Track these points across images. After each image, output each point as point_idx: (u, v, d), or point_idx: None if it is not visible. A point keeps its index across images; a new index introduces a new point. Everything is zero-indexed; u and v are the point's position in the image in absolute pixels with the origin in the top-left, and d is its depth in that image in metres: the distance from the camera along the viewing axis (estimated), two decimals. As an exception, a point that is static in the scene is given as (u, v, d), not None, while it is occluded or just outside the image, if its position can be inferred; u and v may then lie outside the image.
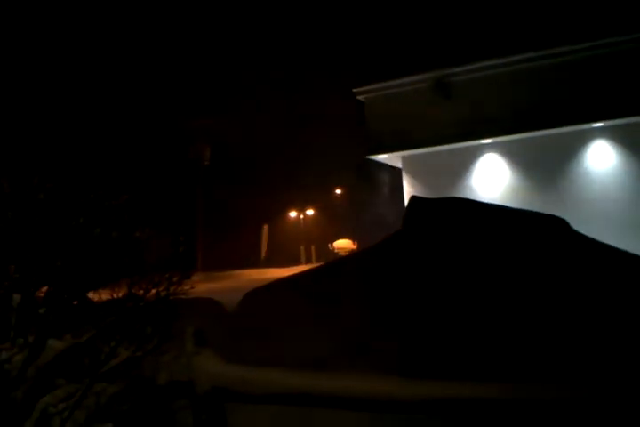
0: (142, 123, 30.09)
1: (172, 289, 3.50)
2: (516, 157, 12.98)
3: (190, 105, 33.38)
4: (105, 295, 3.46)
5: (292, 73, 38.82)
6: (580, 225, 6.78)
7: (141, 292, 3.36)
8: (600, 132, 12.20)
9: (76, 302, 3.48)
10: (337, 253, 31.24)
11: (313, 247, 34.69)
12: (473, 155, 13.38)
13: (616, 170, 12.09)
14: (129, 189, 3.78)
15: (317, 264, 12.11)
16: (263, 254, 34.05)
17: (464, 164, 13.46)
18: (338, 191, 41.13)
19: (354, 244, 32.33)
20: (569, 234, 6.40)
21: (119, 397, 3.42)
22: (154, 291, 3.41)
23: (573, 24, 12.36)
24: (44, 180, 3.30)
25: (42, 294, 3.35)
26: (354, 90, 14.55)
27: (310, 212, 40.77)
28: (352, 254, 9.21)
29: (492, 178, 13.23)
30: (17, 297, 3.04)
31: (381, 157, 14.79)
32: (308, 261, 32.18)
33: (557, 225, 6.48)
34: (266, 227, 35.60)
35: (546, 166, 12.60)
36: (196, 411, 3.61)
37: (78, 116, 26.54)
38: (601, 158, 12.22)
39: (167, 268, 3.53)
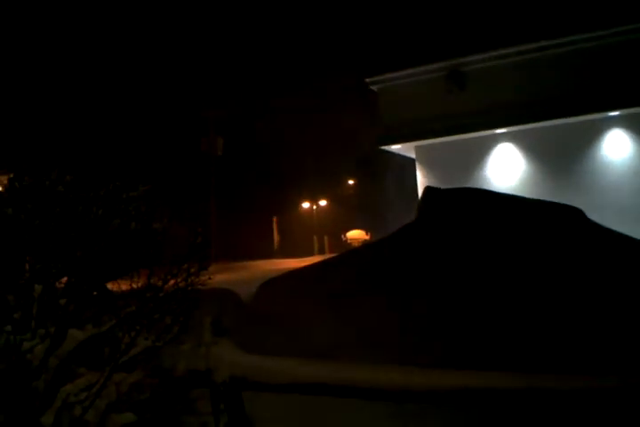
0: (155, 115, 30.17)
1: (190, 280, 3.52)
2: (531, 146, 12.87)
3: (203, 96, 33.39)
4: (124, 286, 3.50)
5: (304, 63, 38.67)
6: (595, 214, 6.74)
7: (160, 282, 3.39)
8: (616, 122, 12.06)
9: (95, 293, 3.51)
10: (350, 243, 31.20)
11: (326, 238, 34.68)
12: (487, 144, 13.29)
13: (632, 159, 11.96)
14: (145, 180, 3.80)
15: (331, 255, 12.10)
16: (276, 245, 34.14)
17: (478, 153, 13.37)
18: (350, 182, 41.04)
19: (367, 234, 32.26)
20: (585, 224, 6.36)
21: (139, 386, 3.45)
22: (172, 281, 3.44)
23: (589, 12, 12.19)
24: (63, 172, 3.33)
25: (61, 285, 3.39)
26: (367, 79, 14.47)
27: (323, 202, 40.74)
28: (366, 245, 9.17)
29: (506, 168, 13.14)
30: (38, 288, 3.07)
31: (395, 147, 14.73)
32: (321, 251, 32.17)
33: (573, 215, 6.45)
34: (275, 218, 35.65)
35: (561, 156, 12.49)
36: (214, 400, 3.65)
37: (95, 109, 26.68)
38: (617, 147, 12.09)
39: (184, 259, 3.55)
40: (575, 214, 6.43)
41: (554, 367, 4.26)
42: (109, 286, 3.60)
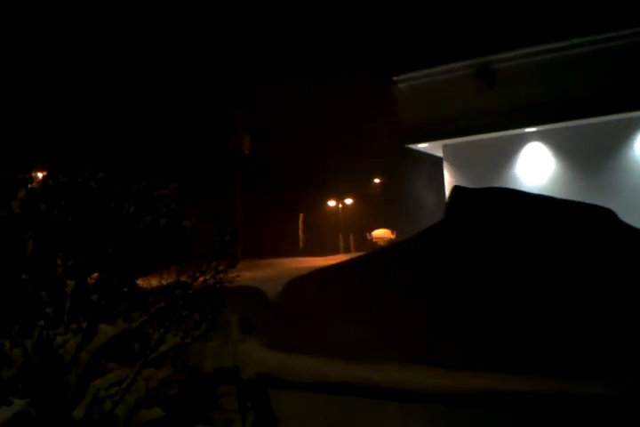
0: (184, 113, 30.46)
1: (218, 277, 3.55)
2: (562, 145, 12.68)
3: (230, 94, 33.59)
4: (154, 282, 3.54)
5: (331, 61, 38.66)
6: (627, 215, 6.61)
7: (189, 280, 3.42)
8: (650, 120, 11.84)
9: (125, 289, 3.56)
10: (375, 242, 31.15)
11: (351, 236, 34.65)
12: (516, 144, 13.13)
13: (666, 159, 11.73)
14: (174, 178, 3.84)
15: (356, 253, 12.04)
16: (301, 243, 34.23)
17: (507, 153, 13.22)
18: (376, 180, 40.95)
19: (392, 233, 32.18)
20: (617, 225, 6.24)
21: (167, 382, 3.49)
22: (201, 279, 3.47)
23: (620, 8, 11.95)
24: (95, 169, 3.38)
25: (92, 281, 3.44)
26: (394, 78, 14.39)
27: (349, 201, 40.73)
28: (394, 244, 9.17)
29: (535, 167, 12.96)
30: (71, 283, 3.12)
31: (421, 146, 14.65)
32: (347, 250, 32.15)
33: (605, 216, 6.33)
34: (302, 216, 35.75)
35: (592, 155, 12.28)
36: (241, 397, 3.67)
37: (126, 108, 27.08)
38: (651, 147, 11.87)
39: (213, 256, 3.58)
40: (607, 216, 6.31)
41: (587, 372, 4.20)
42: (139, 282, 3.65)
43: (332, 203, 40.96)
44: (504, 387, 4.11)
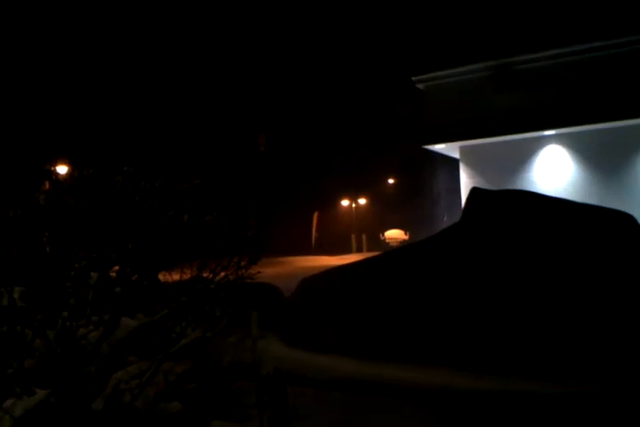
0: (201, 110, 30.57)
1: (239, 273, 3.56)
2: (580, 148, 12.57)
3: (246, 92, 33.65)
4: (176, 277, 3.55)
5: (347, 60, 38.63)
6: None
7: (211, 275, 3.43)
8: (671, 125, 11.70)
9: (146, 283, 3.58)
10: (388, 242, 31.15)
11: (364, 236, 34.63)
12: (534, 146, 13.03)
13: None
14: (195, 174, 3.85)
15: (368, 253, 12.01)
16: (313, 242, 34.25)
17: (525, 155, 13.13)
18: (390, 181, 40.85)
19: (405, 234, 32.15)
20: (636, 231, 6.18)
21: (186, 376, 3.51)
22: (222, 274, 3.48)
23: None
24: (120, 163, 3.40)
25: (112, 274, 3.46)
26: (413, 78, 14.34)
27: (362, 201, 40.67)
28: (410, 245, 9.16)
29: (553, 170, 12.86)
30: (94, 275, 3.14)
31: (438, 147, 14.57)
32: (359, 250, 32.16)
33: (624, 221, 6.27)
34: (316, 214, 35.76)
35: (612, 159, 12.17)
36: (258, 393, 3.67)
37: (150, 105, 27.29)
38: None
39: (235, 251, 3.59)
40: (627, 221, 6.25)
41: (607, 378, 4.18)
42: (161, 276, 3.66)
43: (345, 202, 40.92)
44: (519, 389, 4.09)
